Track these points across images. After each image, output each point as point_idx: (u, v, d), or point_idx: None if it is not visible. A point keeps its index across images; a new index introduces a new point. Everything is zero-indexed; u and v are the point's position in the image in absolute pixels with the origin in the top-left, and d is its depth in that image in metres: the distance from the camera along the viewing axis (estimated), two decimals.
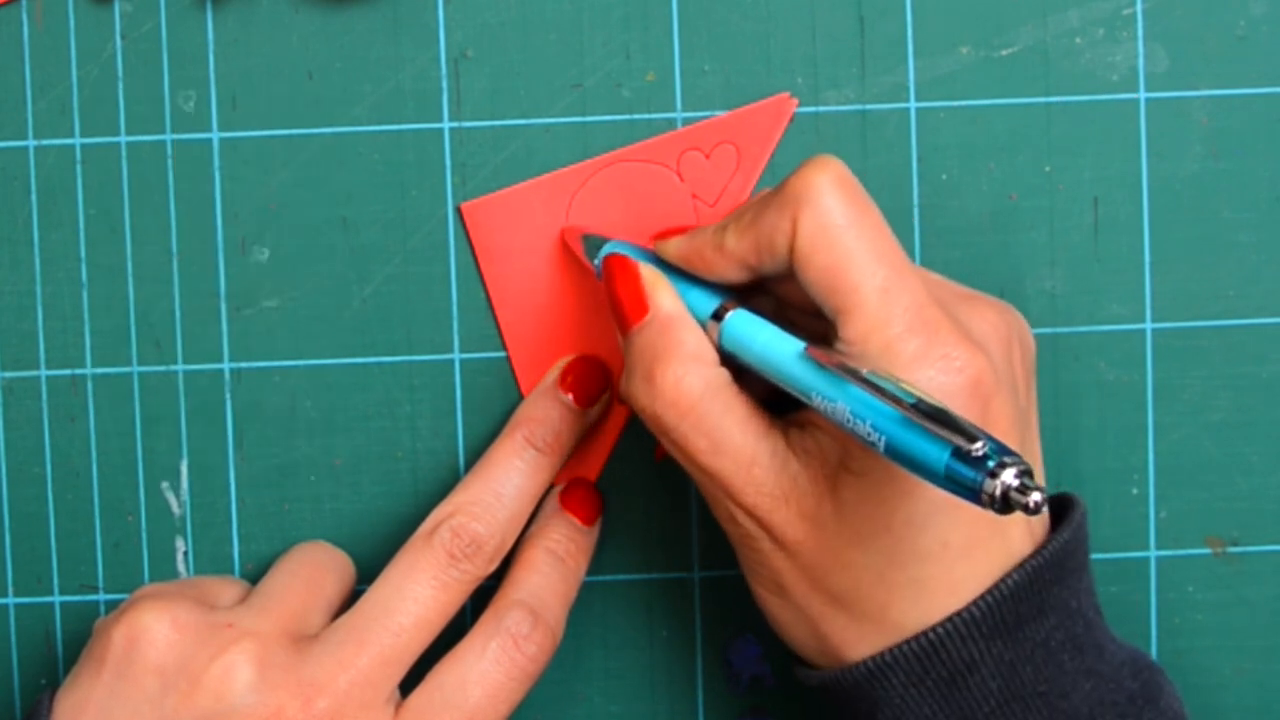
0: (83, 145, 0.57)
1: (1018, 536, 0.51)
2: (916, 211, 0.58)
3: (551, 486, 0.57)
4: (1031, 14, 0.57)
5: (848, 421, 0.47)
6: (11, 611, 0.58)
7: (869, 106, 0.58)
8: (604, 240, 0.55)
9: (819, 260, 0.50)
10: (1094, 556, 0.58)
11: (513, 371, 0.58)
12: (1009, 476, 0.44)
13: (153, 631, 0.51)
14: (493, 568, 0.54)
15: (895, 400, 0.46)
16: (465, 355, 0.58)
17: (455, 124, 0.58)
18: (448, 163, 0.58)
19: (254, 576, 0.57)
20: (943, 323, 0.49)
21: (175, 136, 0.57)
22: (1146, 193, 0.58)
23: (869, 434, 0.47)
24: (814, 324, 0.52)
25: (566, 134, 0.58)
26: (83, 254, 0.58)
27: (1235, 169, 0.58)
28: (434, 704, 0.52)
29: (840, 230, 0.50)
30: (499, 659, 0.53)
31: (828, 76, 0.58)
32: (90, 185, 0.58)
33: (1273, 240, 0.58)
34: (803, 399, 0.49)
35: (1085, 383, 0.58)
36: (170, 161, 0.58)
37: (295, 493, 0.58)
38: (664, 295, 0.53)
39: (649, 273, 0.53)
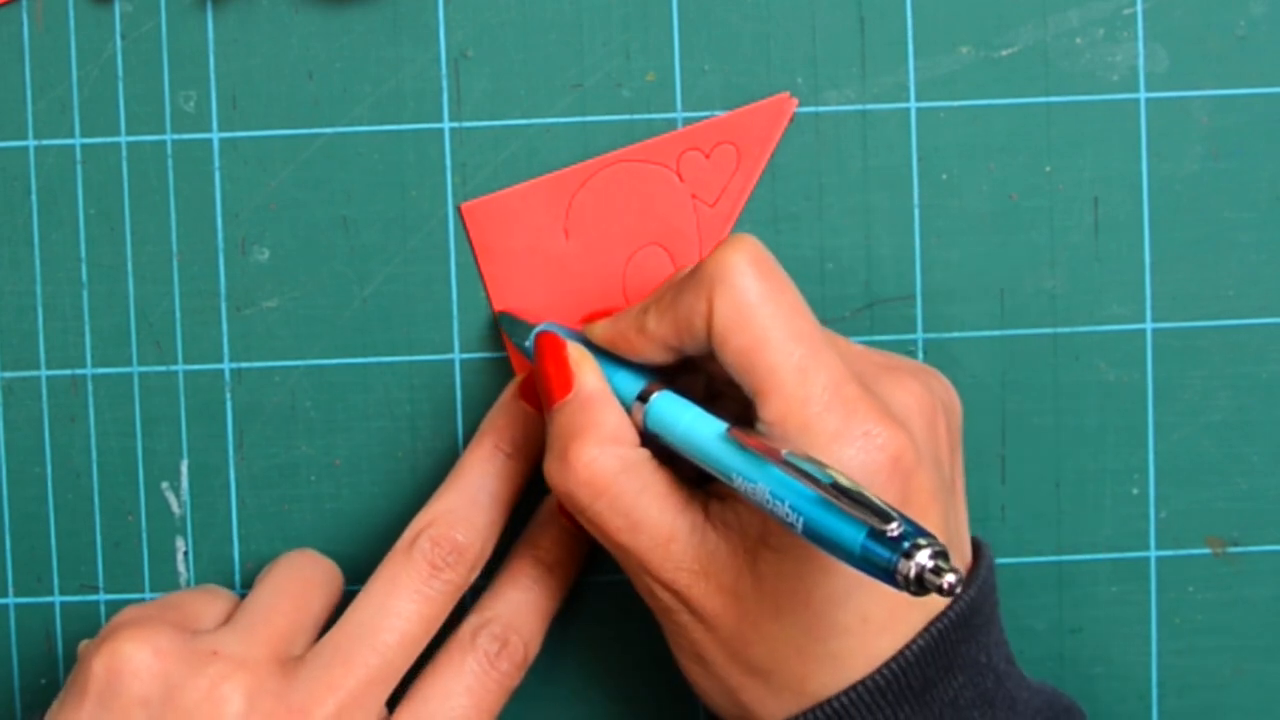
0: (83, 145, 0.57)
1: (939, 600, 0.50)
2: (916, 211, 0.58)
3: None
4: (1031, 14, 0.57)
5: (767, 502, 0.47)
6: (11, 611, 0.58)
7: (869, 106, 0.58)
8: (527, 324, 0.56)
9: (735, 341, 0.50)
10: (1094, 556, 0.58)
11: (513, 371, 0.58)
12: (923, 558, 0.44)
13: (134, 662, 0.50)
14: (474, 576, 0.54)
15: (812, 481, 0.46)
16: (465, 355, 0.58)
17: (455, 124, 0.58)
18: (448, 163, 0.58)
19: (254, 576, 0.57)
20: (861, 399, 0.49)
21: (175, 136, 0.58)
22: (1146, 193, 0.58)
23: (787, 515, 0.47)
24: (744, 399, 0.51)
25: (566, 134, 0.58)
26: (83, 254, 0.58)
27: (1235, 169, 0.58)
28: None
29: (755, 310, 0.49)
30: (478, 675, 0.53)
31: (828, 76, 0.58)
32: (90, 185, 0.58)
33: (1273, 240, 0.58)
34: (724, 480, 0.49)
35: (1085, 383, 0.58)
36: (170, 161, 0.58)
37: (295, 493, 0.58)
38: (587, 374, 0.52)
39: (575, 351, 0.53)
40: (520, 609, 0.55)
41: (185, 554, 0.58)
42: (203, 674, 0.50)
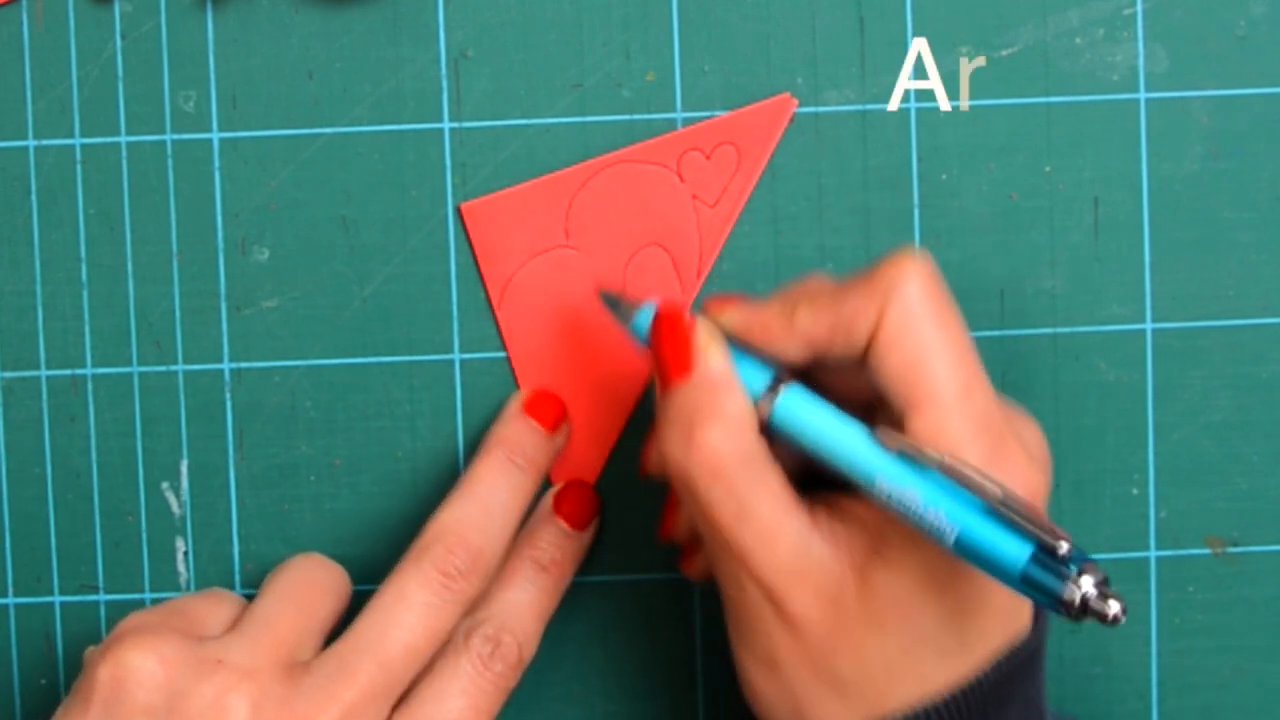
0: (83, 145, 0.57)
1: (1017, 629, 0.51)
2: (916, 211, 0.58)
3: (549, 487, 0.58)
4: (1031, 14, 0.57)
5: (917, 509, 0.47)
6: (11, 611, 0.58)
7: (869, 106, 0.58)
8: (629, 305, 0.54)
9: (900, 352, 0.49)
10: (1094, 556, 0.58)
11: (513, 371, 0.58)
12: (1087, 584, 0.43)
13: (140, 671, 0.50)
14: (484, 586, 0.54)
15: (979, 489, 0.45)
16: (465, 355, 0.58)
17: (455, 124, 0.58)
18: (448, 163, 0.58)
19: (254, 576, 0.57)
20: (1007, 434, 0.49)
21: (175, 136, 0.58)
22: (1146, 193, 0.58)
23: (941, 523, 0.46)
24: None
25: (566, 134, 0.58)
26: (83, 254, 0.58)
27: (1235, 169, 0.58)
28: None
29: (927, 324, 0.49)
30: (472, 676, 0.53)
31: (828, 76, 0.58)
32: (90, 185, 0.58)
33: (1273, 240, 0.58)
34: (859, 483, 0.49)
35: (1085, 383, 0.58)
36: (170, 161, 0.58)
37: (295, 493, 0.58)
38: (715, 355, 0.52)
39: (705, 330, 0.52)
40: (515, 609, 0.55)
41: (185, 554, 0.58)
42: (208, 683, 0.50)
